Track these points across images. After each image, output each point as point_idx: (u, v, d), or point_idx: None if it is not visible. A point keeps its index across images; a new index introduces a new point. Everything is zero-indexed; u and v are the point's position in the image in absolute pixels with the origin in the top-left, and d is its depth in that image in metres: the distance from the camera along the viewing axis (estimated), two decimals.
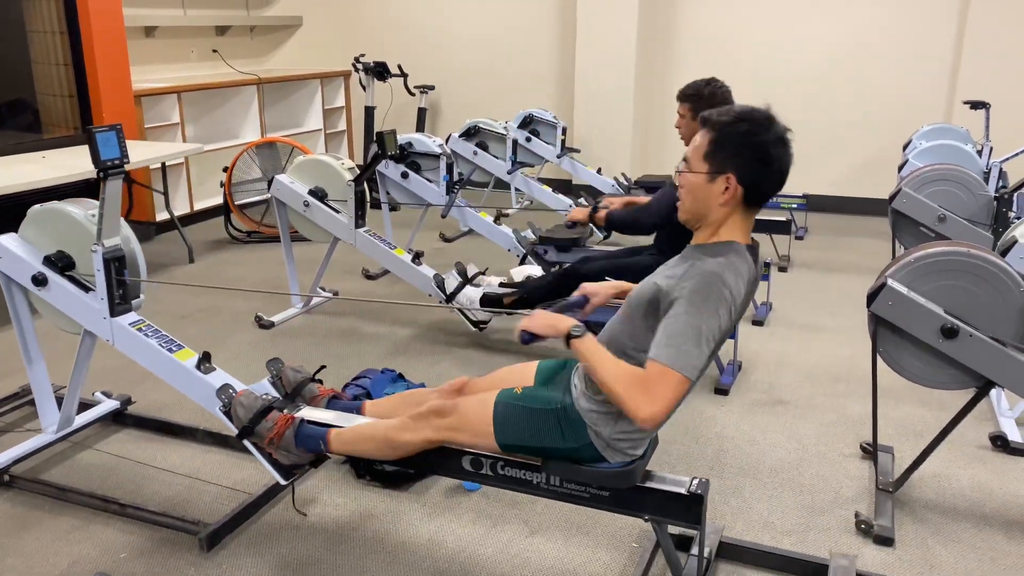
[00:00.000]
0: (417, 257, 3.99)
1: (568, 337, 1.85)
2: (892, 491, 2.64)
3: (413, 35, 7.52)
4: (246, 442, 2.30)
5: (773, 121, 1.83)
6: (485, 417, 2.01)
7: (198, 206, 6.23)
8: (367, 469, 2.75)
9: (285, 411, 2.28)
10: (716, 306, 1.74)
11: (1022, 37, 5.92)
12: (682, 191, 1.90)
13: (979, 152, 5.04)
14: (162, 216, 5.74)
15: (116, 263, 2.52)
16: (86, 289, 2.57)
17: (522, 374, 2.21)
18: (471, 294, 3.79)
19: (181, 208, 5.96)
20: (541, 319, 1.94)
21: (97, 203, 2.58)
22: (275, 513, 2.60)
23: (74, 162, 4.58)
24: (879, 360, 2.58)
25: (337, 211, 4.05)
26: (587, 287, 2.22)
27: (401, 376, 3.21)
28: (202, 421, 3.04)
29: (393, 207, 5.04)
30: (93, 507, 2.59)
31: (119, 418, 3.15)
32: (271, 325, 4.16)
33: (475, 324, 3.89)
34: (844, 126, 6.56)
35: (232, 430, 2.32)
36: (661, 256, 3.50)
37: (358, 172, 4.06)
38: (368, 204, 4.14)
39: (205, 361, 2.46)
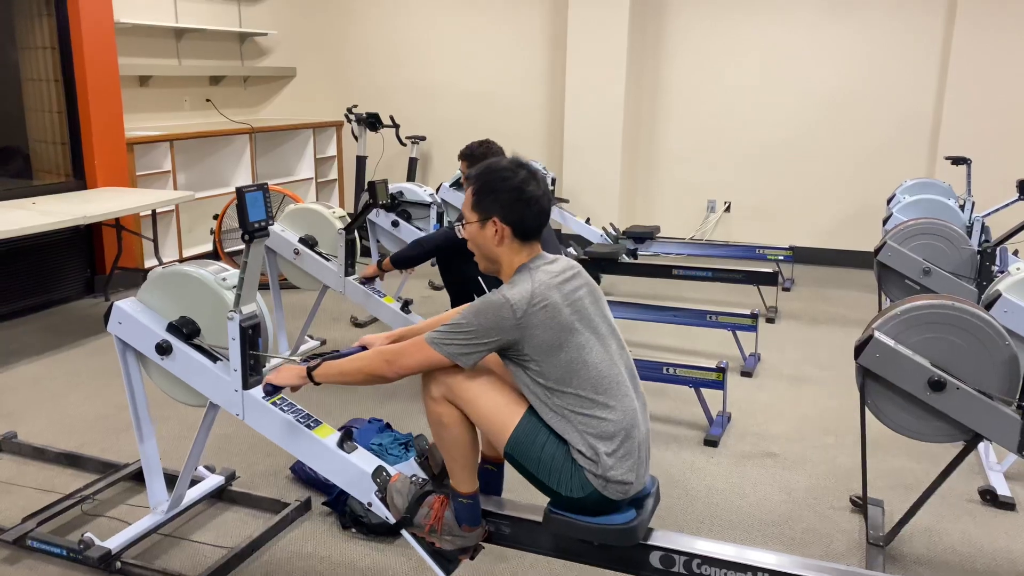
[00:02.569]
0: (406, 305, 3.99)
1: (309, 375, 2.10)
2: (883, 545, 2.62)
3: (405, 87, 7.63)
4: (405, 534, 2.15)
5: (520, 163, 2.08)
6: (509, 419, 1.99)
7: (187, 253, 6.22)
8: (353, 520, 2.71)
9: (439, 493, 2.13)
10: (482, 308, 1.93)
11: (1001, 95, 6.07)
12: (471, 245, 2.10)
13: (961, 207, 5.12)
14: (151, 263, 5.73)
15: (251, 332, 2.33)
16: (214, 359, 2.38)
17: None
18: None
19: (170, 255, 5.95)
20: (285, 371, 2.16)
21: (222, 265, 2.45)
22: (258, 567, 2.54)
23: (64, 208, 4.58)
24: (867, 412, 2.58)
25: (327, 259, 4.06)
26: (365, 338, 2.35)
27: (388, 426, 3.18)
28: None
29: (383, 256, 5.05)
30: None
31: (226, 494, 2.92)
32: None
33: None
34: (829, 180, 6.66)
35: (389, 519, 2.15)
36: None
37: (349, 221, 4.08)
38: (359, 252, 4.16)
39: (347, 439, 2.25)
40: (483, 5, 7.31)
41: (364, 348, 2.26)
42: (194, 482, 2.81)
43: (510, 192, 2.01)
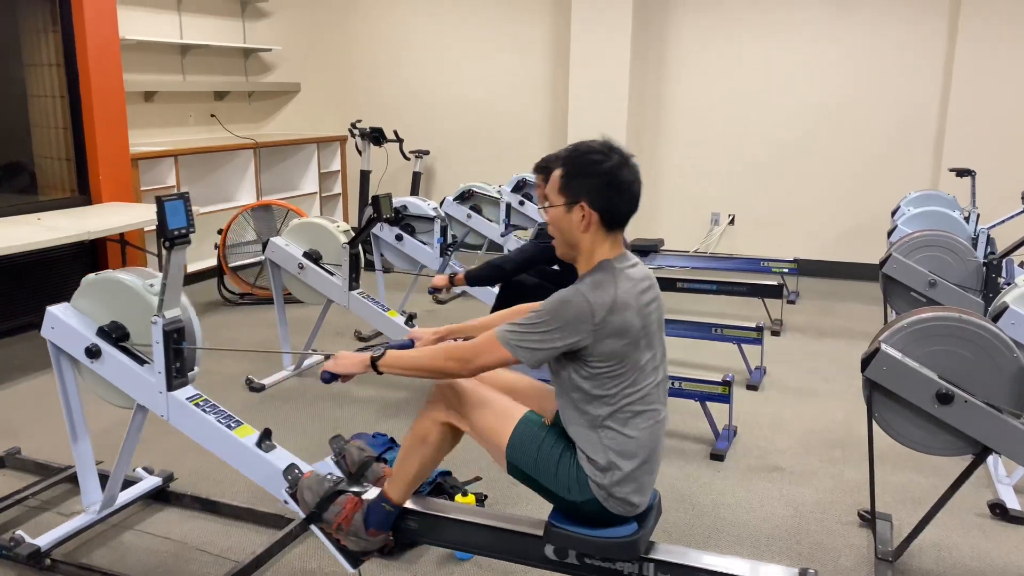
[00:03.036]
0: (410, 319, 3.99)
1: (373, 364, 2.02)
2: (892, 560, 2.60)
3: (409, 101, 7.66)
4: (314, 527, 2.20)
5: (615, 148, 1.97)
6: (505, 427, 2.02)
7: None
8: None
9: (353, 494, 2.18)
10: (559, 306, 1.86)
11: (1005, 106, 6.07)
12: (551, 228, 2.02)
13: (966, 218, 5.11)
14: None
15: (175, 335, 2.41)
16: (141, 362, 2.46)
17: (546, 396, 2.20)
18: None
19: None
20: (344, 359, 2.07)
21: (152, 272, 2.52)
22: None
23: (69, 223, 4.59)
24: (875, 425, 2.56)
25: (331, 273, 4.06)
26: (414, 332, 2.36)
27: (393, 441, 3.17)
28: (189, 487, 2.98)
29: (387, 269, 5.06)
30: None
31: (162, 495, 2.99)
32: (262, 388, 4.12)
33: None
34: (833, 192, 6.66)
35: (299, 514, 2.21)
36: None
37: (353, 235, 4.09)
38: (362, 266, 4.16)
39: (266, 439, 2.33)
40: (486, 20, 7.35)
41: (412, 342, 2.28)
42: (133, 483, 2.92)
43: (601, 176, 1.92)
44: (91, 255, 5.46)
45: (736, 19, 6.69)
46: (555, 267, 3.85)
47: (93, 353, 2.47)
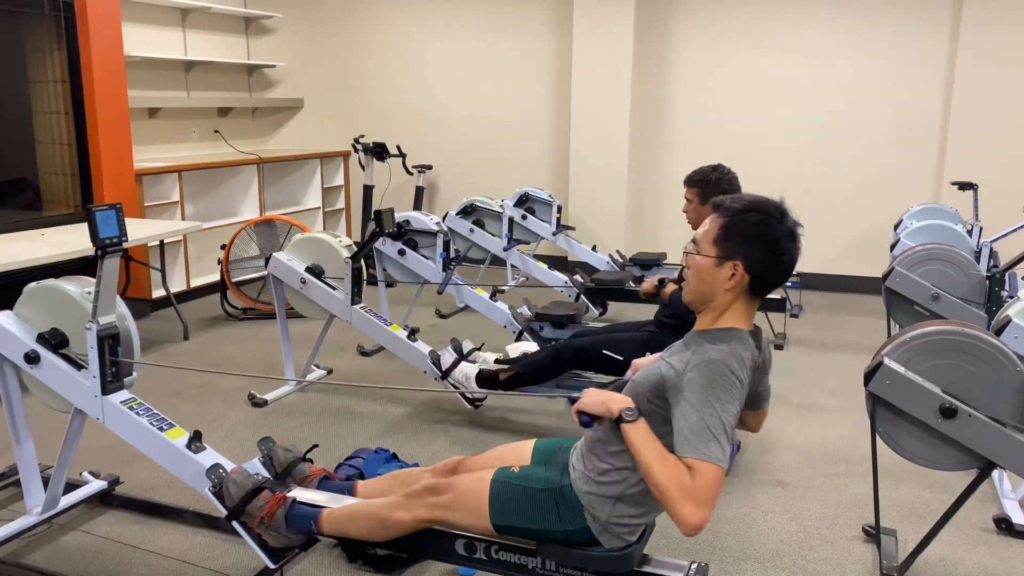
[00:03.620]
0: (413, 333, 3.99)
1: (619, 420, 1.80)
2: None
3: (412, 116, 7.69)
4: (235, 523, 2.24)
5: (785, 214, 1.86)
6: (480, 496, 1.98)
7: (195, 283, 6.24)
8: (359, 553, 2.68)
9: (276, 491, 2.23)
10: (730, 393, 1.73)
11: (1006, 119, 6.08)
12: (688, 272, 1.90)
13: (969, 232, 5.11)
14: (158, 293, 5.74)
15: (110, 341, 2.50)
16: (79, 367, 2.54)
17: (518, 453, 2.19)
18: (467, 370, 3.77)
19: (178, 285, 5.97)
20: (594, 396, 1.86)
21: (90, 280, 2.58)
22: None
23: (73, 239, 4.61)
24: (879, 440, 2.55)
25: (334, 288, 4.07)
26: (638, 363, 2.13)
27: (395, 456, 3.16)
28: (192, 502, 2.97)
29: (390, 284, 5.06)
30: None
31: (106, 499, 3.07)
32: (264, 403, 4.12)
33: (470, 402, 3.86)
34: (835, 205, 6.65)
35: (221, 511, 2.26)
36: (658, 332, 3.51)
37: (356, 249, 4.09)
38: (365, 281, 4.16)
39: (196, 440, 2.42)
40: (489, 35, 7.39)
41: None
42: (77, 487, 3.01)
43: (766, 240, 1.82)
44: (94, 271, 5.48)
45: (738, 32, 6.72)
46: None
47: (32, 359, 2.55)
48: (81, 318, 2.53)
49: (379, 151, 6.98)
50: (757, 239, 1.82)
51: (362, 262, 4.09)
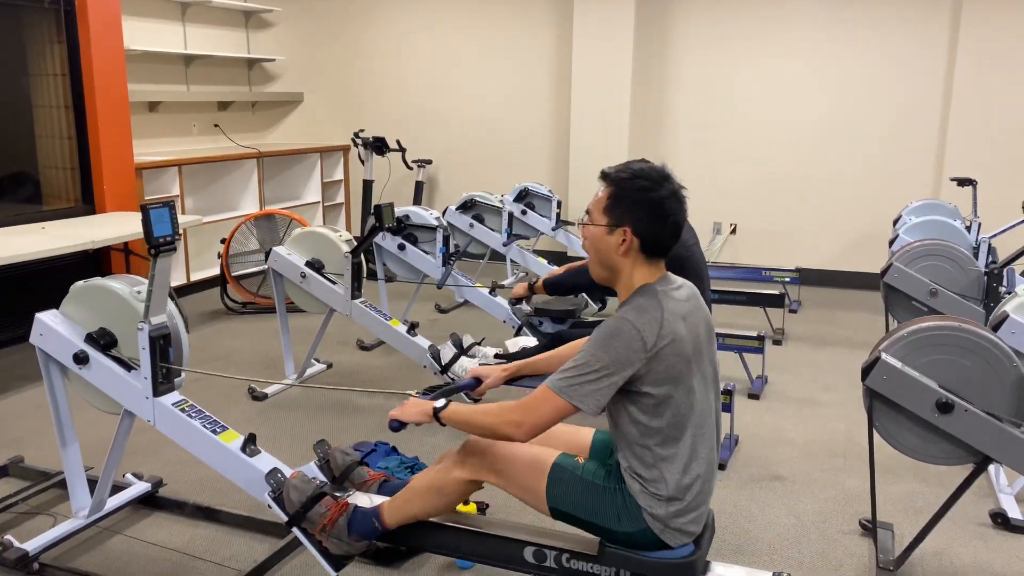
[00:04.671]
0: (412, 328, 4.00)
1: (435, 415, 2.00)
2: (893, 570, 2.60)
3: (412, 111, 7.69)
4: (295, 530, 2.21)
5: (668, 178, 1.93)
6: (540, 475, 2.00)
7: (195, 277, 6.25)
8: None
9: (337, 497, 2.19)
10: (608, 340, 1.81)
11: (1006, 116, 6.09)
12: (586, 243, 1.99)
13: (968, 228, 5.12)
14: None
15: (162, 341, 2.44)
16: (129, 368, 2.49)
17: (577, 438, 2.19)
18: (467, 365, 3.78)
19: (178, 279, 5.98)
20: (411, 407, 2.06)
21: (141, 279, 2.54)
22: None
23: (73, 232, 4.61)
24: (876, 434, 2.57)
25: (334, 282, 4.08)
26: (478, 370, 2.30)
27: (395, 449, 3.18)
28: (193, 494, 2.98)
29: (389, 279, 5.07)
30: None
31: (151, 501, 3.03)
32: (264, 397, 4.13)
33: (471, 398, 3.86)
34: (835, 202, 6.67)
35: (281, 517, 2.23)
36: None
37: (355, 244, 4.10)
38: (364, 275, 4.17)
39: (251, 443, 2.36)
40: (489, 30, 7.38)
41: (478, 380, 2.27)
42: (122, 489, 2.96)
43: (649, 205, 1.88)
44: (95, 264, 5.49)
45: (738, 29, 6.72)
46: None
47: (81, 359, 2.49)
48: (130, 317, 2.47)
49: (379, 146, 6.98)
50: (643, 204, 1.89)
51: (362, 257, 4.10)
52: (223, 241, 5.76)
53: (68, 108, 5.40)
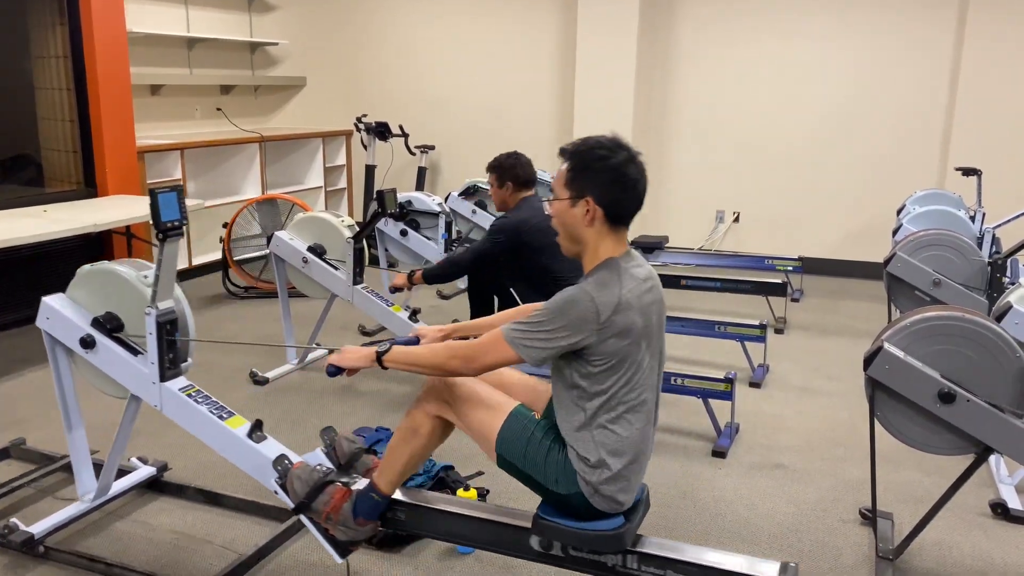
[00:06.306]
0: (414, 314, 4.00)
1: (378, 358, 2.04)
2: (892, 559, 2.60)
3: (415, 97, 7.66)
4: (303, 517, 2.23)
5: (622, 145, 1.98)
6: (495, 420, 2.05)
7: (197, 261, 6.25)
8: None
9: (342, 484, 2.21)
10: (564, 305, 1.86)
11: (1011, 106, 6.05)
12: (554, 221, 2.02)
13: (972, 218, 5.10)
14: None
15: (169, 326, 2.44)
16: (135, 352, 2.49)
17: (535, 393, 2.24)
18: None
19: (179, 263, 5.98)
20: (349, 353, 2.09)
21: (147, 264, 2.54)
22: (265, 574, 2.54)
23: (75, 216, 4.61)
24: (877, 424, 2.56)
25: (335, 268, 4.07)
26: (419, 329, 2.35)
27: None
28: (196, 478, 2.99)
29: (392, 264, 5.07)
30: (78, 566, 2.53)
31: (155, 485, 3.03)
32: (266, 381, 4.14)
33: None
34: (838, 191, 6.64)
35: (288, 504, 2.25)
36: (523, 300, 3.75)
37: (358, 229, 4.09)
38: (367, 261, 4.17)
39: (257, 429, 2.37)
40: (493, 15, 7.34)
41: (417, 339, 2.29)
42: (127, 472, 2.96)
43: (608, 172, 1.93)
44: (97, 248, 5.49)
45: (743, 18, 6.68)
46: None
47: (87, 343, 2.49)
48: (137, 302, 2.47)
49: (381, 131, 6.96)
50: (602, 173, 1.93)
51: (364, 242, 4.10)
52: (225, 225, 5.75)
53: (70, 91, 5.38)
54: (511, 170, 3.77)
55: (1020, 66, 5.99)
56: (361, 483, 2.24)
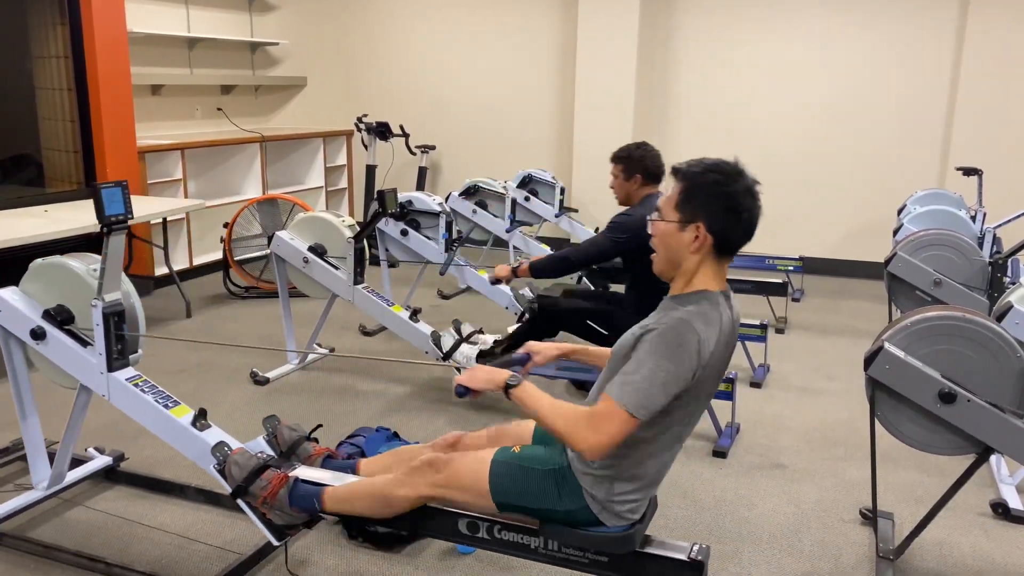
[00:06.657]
0: (415, 314, 4.00)
1: (506, 388, 1.89)
2: (893, 559, 2.60)
3: (415, 96, 7.66)
4: (240, 501, 2.26)
5: (742, 173, 1.89)
6: (481, 475, 1.98)
7: (197, 261, 6.25)
8: (359, 530, 2.71)
9: (280, 470, 2.25)
10: (677, 351, 1.73)
11: (1013, 105, 6.05)
12: (655, 241, 1.91)
13: (972, 218, 5.09)
14: (161, 271, 5.76)
15: (115, 318, 2.50)
16: (84, 344, 2.55)
17: (519, 430, 2.20)
18: (468, 352, 3.78)
19: (180, 263, 5.98)
20: (479, 373, 1.96)
21: (99, 257, 2.57)
22: (265, 574, 2.54)
23: (76, 216, 4.61)
24: (877, 424, 2.56)
25: (336, 267, 4.07)
26: (531, 345, 2.23)
27: (396, 435, 3.18)
28: (194, 478, 3.00)
29: (392, 264, 5.07)
30: (80, 567, 2.54)
31: (111, 475, 3.10)
32: (266, 381, 4.14)
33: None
34: (839, 190, 6.64)
35: (226, 488, 2.28)
36: (631, 307, 3.54)
37: (358, 229, 4.09)
38: (367, 261, 4.17)
39: (201, 418, 2.43)
40: (493, 15, 7.34)
41: (529, 356, 2.20)
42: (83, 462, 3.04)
43: (723, 199, 1.83)
44: (97, 248, 5.48)
45: (744, 15, 6.67)
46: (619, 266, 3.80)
47: (38, 335, 2.56)
48: (87, 295, 2.53)
49: (382, 131, 6.96)
50: (716, 199, 1.83)
51: (365, 242, 4.10)
52: (226, 225, 5.75)
53: (71, 91, 5.38)
54: (640, 161, 3.54)
55: (1021, 66, 5.99)
56: (301, 470, 2.26)
